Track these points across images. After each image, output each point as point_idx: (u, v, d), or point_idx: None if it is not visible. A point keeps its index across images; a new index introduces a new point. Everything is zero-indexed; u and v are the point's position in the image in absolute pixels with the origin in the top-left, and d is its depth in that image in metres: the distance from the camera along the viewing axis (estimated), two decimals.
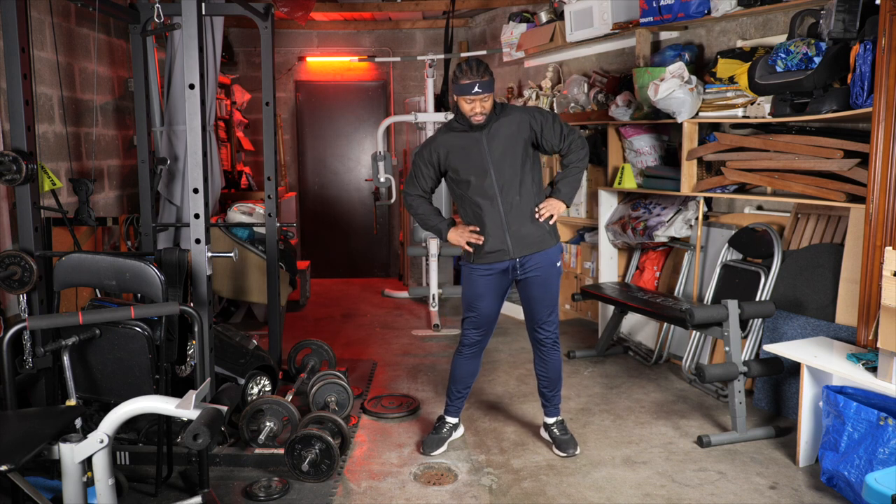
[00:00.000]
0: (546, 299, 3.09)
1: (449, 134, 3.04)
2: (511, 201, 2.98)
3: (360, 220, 7.43)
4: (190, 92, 2.79)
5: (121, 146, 4.57)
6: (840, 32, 3.11)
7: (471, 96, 2.86)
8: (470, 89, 2.84)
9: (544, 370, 3.20)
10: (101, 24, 4.31)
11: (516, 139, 2.97)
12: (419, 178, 3.10)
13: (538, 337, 3.16)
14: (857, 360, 2.84)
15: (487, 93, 2.87)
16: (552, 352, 3.17)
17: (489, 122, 2.95)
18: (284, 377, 3.96)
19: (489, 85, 2.86)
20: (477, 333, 3.14)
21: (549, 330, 3.14)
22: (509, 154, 2.97)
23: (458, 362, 3.21)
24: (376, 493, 2.84)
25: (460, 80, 2.86)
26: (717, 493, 2.80)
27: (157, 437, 2.74)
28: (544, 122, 3.00)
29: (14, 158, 2.64)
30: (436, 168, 3.07)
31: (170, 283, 3.09)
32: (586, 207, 5.14)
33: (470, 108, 2.90)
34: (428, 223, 3.15)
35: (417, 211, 3.14)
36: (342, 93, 7.26)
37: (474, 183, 2.98)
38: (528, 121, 2.99)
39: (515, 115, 3.00)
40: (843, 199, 3.28)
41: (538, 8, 5.60)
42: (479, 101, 2.88)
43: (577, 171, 3.09)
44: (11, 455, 1.89)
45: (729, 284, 3.90)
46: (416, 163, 3.10)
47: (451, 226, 3.11)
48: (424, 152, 3.07)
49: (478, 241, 3.01)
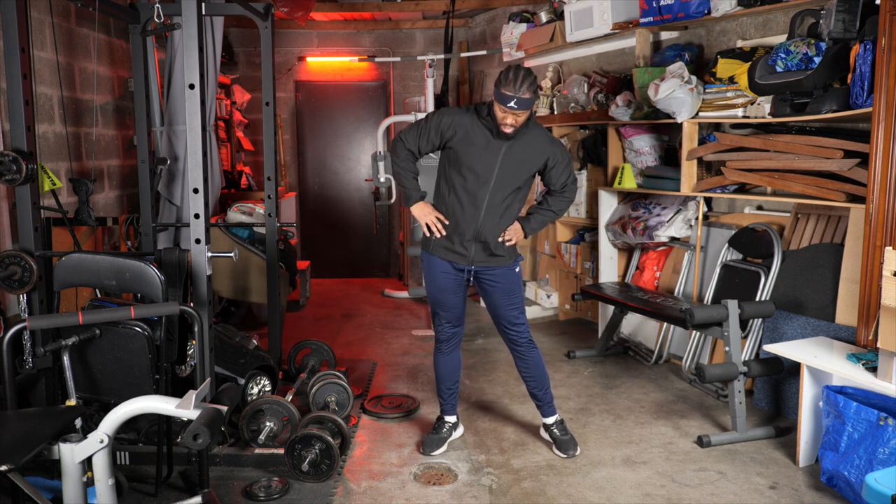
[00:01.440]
0: (511, 303, 3.11)
1: (473, 122, 2.93)
2: (492, 216, 2.98)
3: (360, 220, 7.43)
4: (190, 92, 2.79)
5: (121, 146, 4.57)
6: (840, 32, 3.11)
7: (506, 108, 2.79)
8: (507, 101, 2.76)
9: (527, 370, 3.20)
10: (101, 24, 4.31)
11: (528, 166, 2.97)
12: (421, 137, 2.98)
13: (511, 338, 3.16)
14: (857, 360, 2.84)
15: (524, 110, 2.80)
16: (529, 350, 3.17)
17: (515, 134, 2.90)
18: (284, 377, 3.96)
19: (528, 103, 2.77)
20: (450, 327, 3.16)
21: (520, 330, 3.14)
22: (515, 176, 2.96)
23: (440, 360, 3.22)
24: (376, 493, 2.84)
25: (502, 88, 2.77)
26: (717, 493, 2.80)
27: (157, 437, 2.74)
28: (559, 163, 3.01)
29: (14, 158, 2.64)
30: (442, 140, 2.97)
31: (170, 283, 3.09)
32: (586, 207, 5.14)
33: (502, 118, 2.84)
34: (402, 180, 3.07)
35: (401, 164, 3.05)
36: (342, 93, 7.26)
37: (470, 181, 2.95)
38: (547, 156, 2.98)
39: (538, 143, 2.96)
40: (843, 199, 3.28)
41: (538, 8, 5.60)
42: (512, 114, 2.81)
43: (554, 214, 3.14)
44: (11, 455, 1.89)
45: (729, 284, 3.90)
46: (428, 123, 2.96)
47: (421, 199, 3.07)
48: (443, 120, 2.94)
49: (438, 231, 3.00)
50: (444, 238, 3.03)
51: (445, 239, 3.03)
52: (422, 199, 3.08)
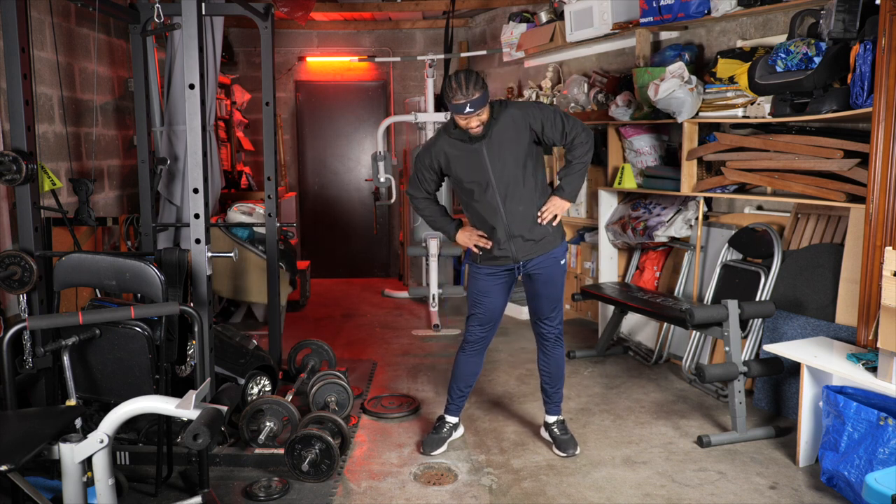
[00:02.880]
0: (550, 296, 3.11)
1: (448, 141, 2.97)
2: (514, 210, 2.96)
3: (360, 220, 7.43)
4: (190, 92, 2.79)
5: (121, 146, 4.57)
6: (840, 32, 3.11)
7: (465, 115, 2.80)
8: (462, 109, 2.77)
9: (546, 365, 3.21)
10: (101, 24, 4.31)
11: (517, 144, 2.92)
12: (422, 181, 3.09)
13: (541, 331, 3.18)
14: (857, 360, 2.84)
15: (481, 108, 2.79)
16: (555, 347, 3.19)
17: (488, 128, 2.89)
18: (284, 377, 3.96)
19: (482, 100, 2.76)
20: (482, 330, 3.15)
21: (552, 325, 3.16)
22: (510, 161, 2.92)
23: (462, 359, 3.21)
24: (376, 493, 2.84)
25: (452, 100, 2.78)
26: (717, 493, 2.80)
27: (157, 437, 2.74)
28: (544, 119, 2.92)
29: (14, 158, 2.64)
30: (437, 173, 3.06)
31: (170, 283, 3.09)
32: (586, 207, 5.14)
33: (465, 124, 2.85)
34: (436, 224, 3.18)
35: (425, 213, 3.17)
36: (342, 93, 7.26)
37: (477, 193, 2.98)
38: (527, 122, 2.91)
39: (513, 117, 2.91)
40: (843, 199, 3.28)
41: (538, 8, 5.60)
42: (474, 117, 2.82)
43: (581, 165, 3.02)
44: (11, 455, 1.89)
45: (729, 284, 3.90)
46: (418, 167, 3.08)
47: (459, 227, 3.13)
48: (425, 158, 3.04)
49: (486, 245, 3.03)
50: (486, 250, 3.05)
51: (487, 250, 3.05)
52: (460, 226, 3.14)
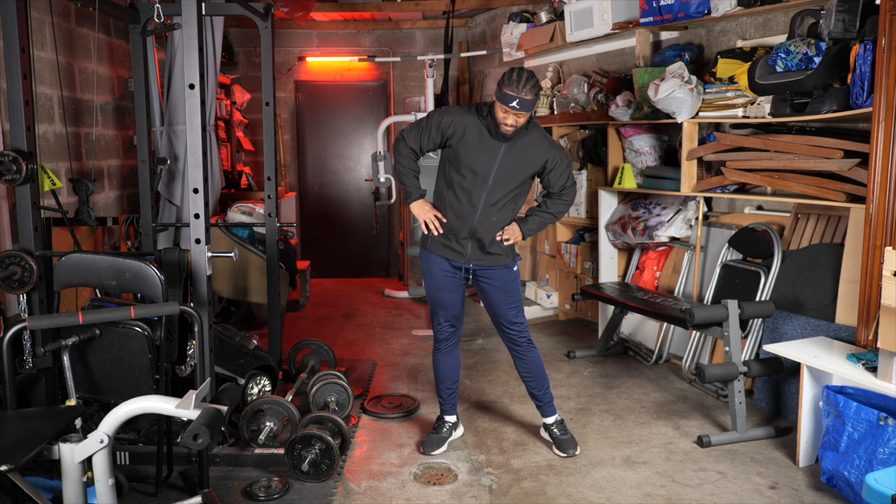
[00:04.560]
0: (509, 302, 3.11)
1: (475, 121, 2.95)
2: (488, 215, 2.99)
3: (360, 220, 7.43)
4: (190, 92, 2.79)
5: (121, 146, 4.57)
6: (840, 32, 3.11)
7: (507, 108, 2.81)
8: (509, 101, 2.78)
9: (526, 370, 3.20)
10: (101, 24, 4.31)
11: (527, 167, 2.98)
12: (423, 134, 3.01)
13: (510, 337, 3.16)
14: (857, 360, 2.84)
15: (525, 111, 2.81)
16: (528, 350, 3.17)
17: (514, 136, 2.92)
18: (284, 377, 3.96)
19: (530, 104, 2.79)
20: (448, 326, 3.17)
21: (519, 329, 3.15)
22: (514, 173, 2.97)
23: (439, 359, 3.22)
24: (376, 493, 2.84)
25: (504, 88, 2.79)
26: (717, 493, 2.80)
27: (157, 437, 2.73)
28: (559, 165, 3.01)
29: (14, 158, 2.64)
30: (442, 138, 3.00)
31: (170, 283, 3.09)
32: (586, 207, 5.14)
33: (503, 118, 2.85)
34: (403, 178, 3.11)
35: (402, 162, 3.09)
36: (342, 93, 7.26)
37: (468, 179, 2.97)
38: (546, 158, 2.99)
39: (538, 145, 2.98)
40: (843, 199, 3.28)
41: (538, 8, 5.60)
42: (513, 114, 2.83)
43: (552, 217, 3.14)
44: (11, 455, 1.89)
45: (729, 284, 3.90)
46: (430, 122, 2.99)
47: (421, 197, 3.10)
48: (444, 118, 2.97)
49: (434, 228, 3.02)
50: (441, 235, 3.05)
51: (442, 236, 3.05)
52: (421, 196, 3.10)
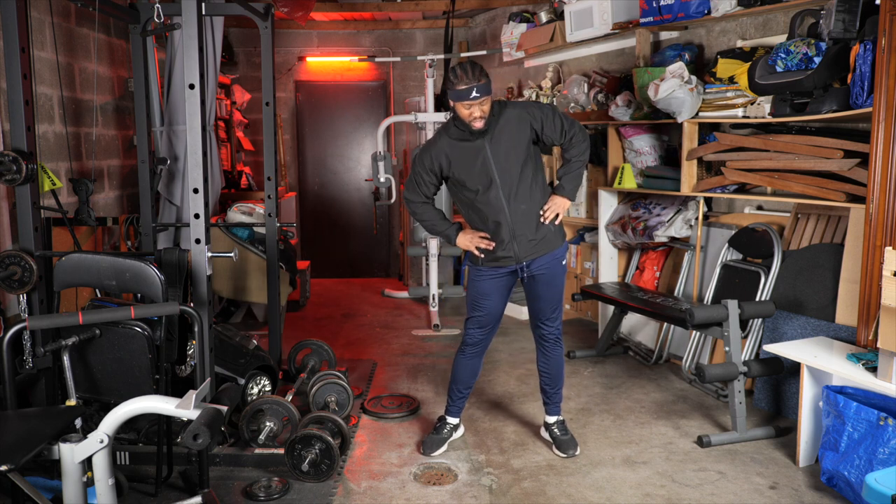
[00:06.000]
0: (550, 297, 3.10)
1: (449, 141, 2.95)
2: (518, 209, 2.95)
3: (360, 220, 7.43)
4: (190, 92, 2.79)
5: (121, 146, 4.57)
6: (840, 32, 3.11)
7: (469, 101, 2.78)
8: (468, 94, 2.76)
9: (546, 366, 3.21)
10: (101, 24, 4.31)
11: (519, 142, 2.92)
12: (420, 184, 3.03)
13: (541, 332, 3.17)
14: (857, 360, 2.84)
15: (486, 96, 2.79)
16: (555, 347, 3.18)
17: (489, 126, 2.88)
18: (284, 377, 3.96)
19: (487, 87, 2.78)
20: (481, 332, 3.14)
21: (552, 326, 3.15)
22: (513, 160, 2.92)
23: (461, 362, 3.20)
24: (376, 493, 2.84)
25: (456, 86, 2.77)
26: (717, 493, 2.80)
27: (157, 437, 2.74)
28: (544, 118, 2.94)
29: (14, 158, 2.64)
30: (437, 176, 3.00)
31: (170, 283, 3.09)
32: (586, 207, 5.14)
33: (469, 114, 2.82)
34: (436, 229, 3.12)
35: (423, 217, 3.11)
36: (342, 93, 7.26)
37: (481, 193, 2.95)
38: (528, 120, 2.92)
39: (515, 115, 2.92)
40: (843, 199, 3.28)
41: (538, 8, 5.60)
42: (477, 105, 2.79)
43: (579, 164, 3.05)
44: (11, 455, 1.89)
45: (729, 284, 3.90)
46: (417, 170, 3.02)
47: (460, 230, 3.09)
48: (425, 159, 2.99)
49: (488, 246, 2.99)
50: (488, 251, 3.02)
51: (490, 251, 3.02)
52: (460, 229, 3.09)
